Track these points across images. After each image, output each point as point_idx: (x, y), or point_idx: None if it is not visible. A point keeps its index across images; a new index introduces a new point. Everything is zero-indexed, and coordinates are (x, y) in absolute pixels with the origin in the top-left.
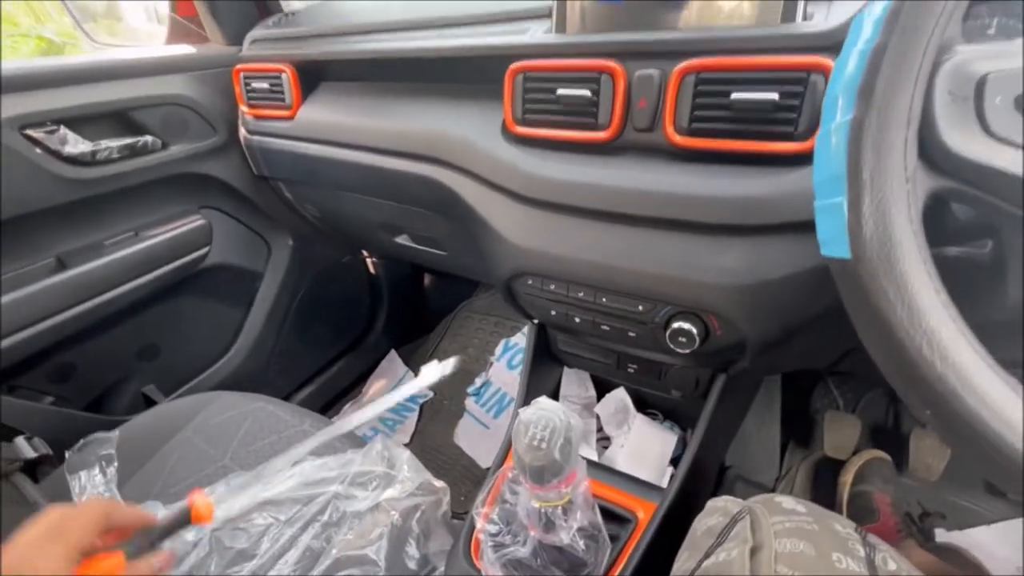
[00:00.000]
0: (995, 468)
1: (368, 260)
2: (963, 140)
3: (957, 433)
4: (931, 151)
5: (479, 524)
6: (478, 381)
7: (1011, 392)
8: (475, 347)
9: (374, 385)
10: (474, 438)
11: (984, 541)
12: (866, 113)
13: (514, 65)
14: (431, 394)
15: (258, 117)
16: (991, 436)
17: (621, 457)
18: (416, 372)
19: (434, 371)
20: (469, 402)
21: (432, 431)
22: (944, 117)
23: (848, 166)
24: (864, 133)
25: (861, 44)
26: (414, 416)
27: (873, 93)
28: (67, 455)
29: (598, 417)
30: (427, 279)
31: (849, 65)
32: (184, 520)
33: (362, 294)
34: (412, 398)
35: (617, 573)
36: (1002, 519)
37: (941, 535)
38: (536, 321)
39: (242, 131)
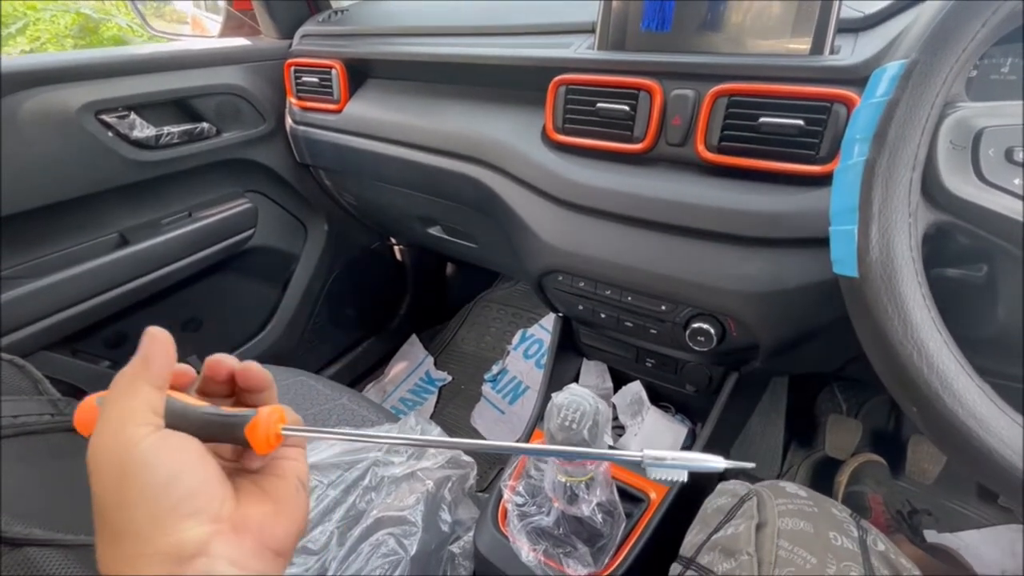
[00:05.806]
0: (969, 460)
1: (395, 248)
2: (960, 183)
3: (937, 428)
4: (932, 191)
5: (506, 495)
6: (495, 368)
7: (983, 395)
8: (492, 335)
9: (395, 367)
10: (490, 422)
11: (973, 543)
12: (878, 155)
13: (558, 77)
14: (450, 378)
15: (305, 108)
16: (964, 431)
17: (634, 445)
18: (435, 356)
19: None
20: (486, 388)
21: (450, 413)
22: (945, 163)
23: (860, 199)
24: (876, 172)
25: (877, 97)
26: (433, 398)
27: (886, 139)
28: None
29: (614, 406)
30: (449, 268)
31: (867, 114)
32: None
33: (388, 280)
34: (431, 381)
35: (631, 545)
36: (992, 523)
37: (932, 536)
38: (562, 315)
39: (288, 121)
